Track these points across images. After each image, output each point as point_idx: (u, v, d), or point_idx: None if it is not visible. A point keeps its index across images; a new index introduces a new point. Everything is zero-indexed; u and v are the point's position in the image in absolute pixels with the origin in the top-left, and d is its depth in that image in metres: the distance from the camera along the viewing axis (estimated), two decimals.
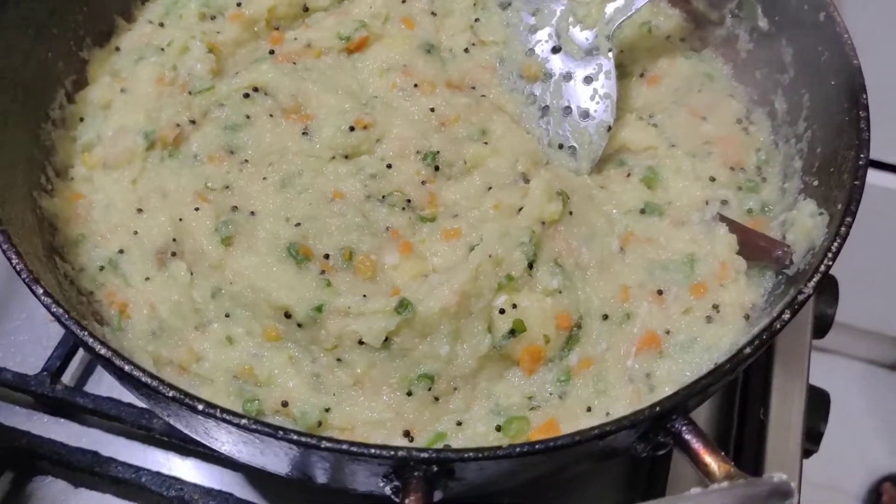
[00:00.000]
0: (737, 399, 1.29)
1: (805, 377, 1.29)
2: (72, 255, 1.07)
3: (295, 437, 0.75)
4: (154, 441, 1.22)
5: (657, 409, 0.79)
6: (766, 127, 1.21)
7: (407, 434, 0.98)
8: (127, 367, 0.78)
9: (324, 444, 0.76)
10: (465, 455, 0.76)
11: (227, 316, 1.03)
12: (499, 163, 1.15)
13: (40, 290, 0.84)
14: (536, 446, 0.77)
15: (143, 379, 0.78)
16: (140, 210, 1.11)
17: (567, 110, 1.22)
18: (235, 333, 1.03)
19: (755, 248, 1.07)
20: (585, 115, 1.20)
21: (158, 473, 1.17)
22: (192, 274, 1.05)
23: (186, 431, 0.94)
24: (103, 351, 0.82)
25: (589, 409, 1.01)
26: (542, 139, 1.22)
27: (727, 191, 1.15)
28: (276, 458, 0.85)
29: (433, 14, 1.31)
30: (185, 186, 1.11)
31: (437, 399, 0.99)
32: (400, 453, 0.75)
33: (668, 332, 1.05)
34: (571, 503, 1.17)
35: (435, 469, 0.76)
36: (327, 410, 0.98)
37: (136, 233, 1.09)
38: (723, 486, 0.67)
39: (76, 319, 0.84)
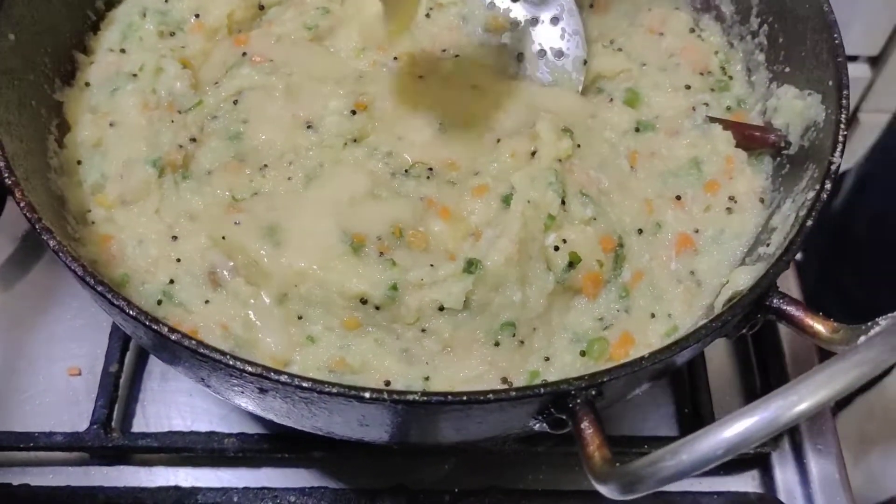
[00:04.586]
0: None
1: None
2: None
3: (466, 398, 0.80)
4: (225, 461, 1.23)
5: (758, 290, 0.88)
6: (717, 30, 1.32)
7: (504, 380, 1.04)
8: (285, 378, 0.80)
9: (490, 396, 0.81)
10: (616, 373, 0.83)
11: (300, 318, 1.05)
12: (499, 113, 1.21)
13: (134, 311, 0.84)
14: (671, 348, 0.85)
15: (305, 384, 0.80)
16: (175, 237, 1.09)
17: (541, 53, 1.28)
18: (315, 332, 1.04)
19: (751, 138, 1.18)
20: (560, 54, 1.28)
21: (246, 489, 1.18)
22: (251, 286, 1.06)
23: (297, 422, 0.96)
24: (220, 356, 0.82)
25: (653, 316, 1.10)
26: None
27: (704, 94, 1.26)
28: (417, 426, 0.90)
29: None
30: (212, 203, 1.11)
31: (522, 343, 1.06)
32: (562, 386, 0.82)
33: (697, 231, 1.15)
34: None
35: (593, 392, 0.83)
36: (427, 379, 1.03)
37: (178, 260, 1.08)
38: (861, 342, 0.75)
39: (183, 332, 0.84)
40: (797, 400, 0.66)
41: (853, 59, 2.77)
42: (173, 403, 1.28)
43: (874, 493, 3.04)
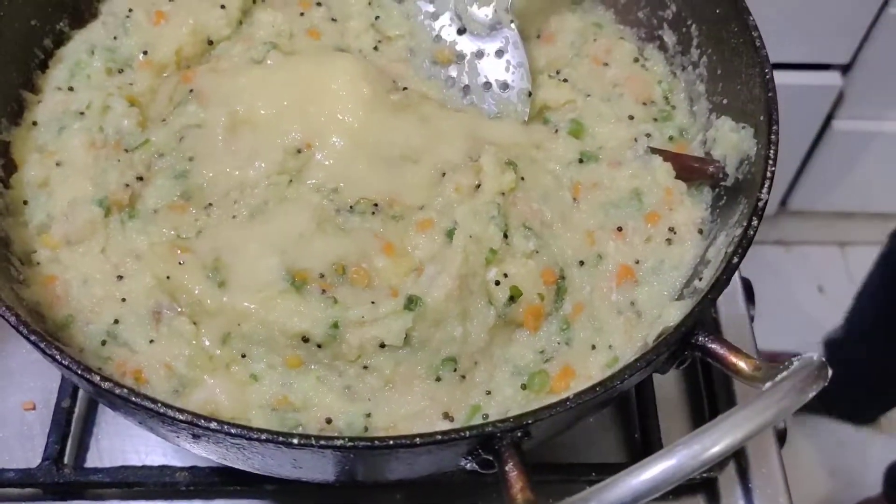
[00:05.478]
0: None
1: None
2: (67, 338, 1.06)
3: (392, 443, 0.82)
4: (178, 494, 1.24)
5: (682, 328, 0.90)
6: (660, 60, 1.34)
7: (446, 416, 1.06)
8: (214, 425, 0.82)
9: (417, 440, 0.82)
10: (541, 415, 0.85)
11: (243, 356, 1.06)
12: (444, 146, 1.22)
13: (66, 360, 0.85)
14: (597, 389, 0.87)
15: (233, 431, 0.81)
16: (120, 277, 1.10)
17: (487, 85, 1.30)
18: (257, 370, 1.06)
19: (690, 169, 1.20)
20: (505, 86, 1.29)
21: None
22: (195, 326, 1.07)
23: (235, 464, 0.98)
24: (151, 405, 0.83)
25: (593, 347, 1.12)
26: None
27: (646, 125, 1.27)
28: (350, 468, 0.91)
29: (333, 20, 1.35)
30: (157, 243, 1.12)
31: (463, 377, 1.07)
32: (488, 429, 0.83)
33: (637, 262, 1.17)
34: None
35: (519, 434, 0.84)
36: (368, 416, 1.04)
37: (123, 300, 1.09)
38: (766, 388, 0.77)
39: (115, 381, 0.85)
40: (700, 450, 0.68)
41: (825, 67, 2.81)
42: (127, 437, 1.29)
43: (851, 496, 3.06)
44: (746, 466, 1.25)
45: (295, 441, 0.81)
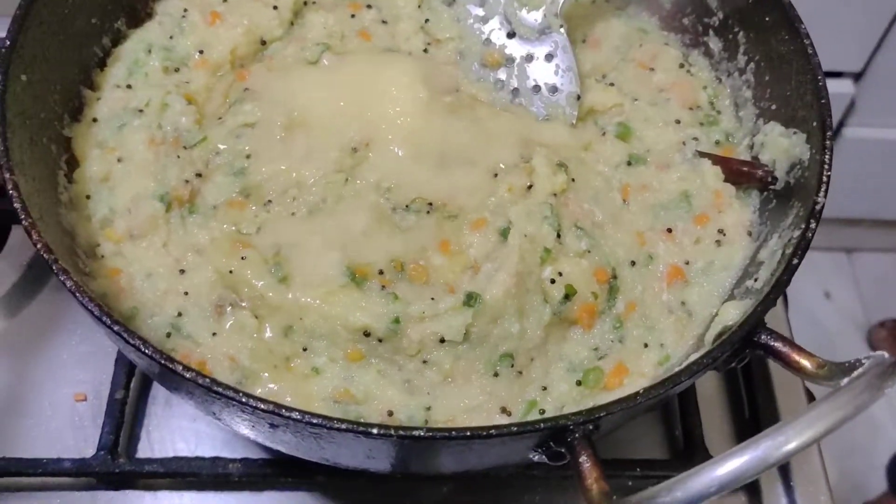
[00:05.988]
0: None
1: None
2: (133, 330, 1.07)
3: (469, 434, 0.84)
4: (229, 485, 1.26)
5: (746, 327, 0.93)
6: (705, 66, 1.36)
7: (504, 410, 1.08)
8: (296, 415, 0.84)
9: (492, 431, 0.84)
10: (613, 409, 0.87)
11: (304, 350, 1.08)
12: (496, 148, 1.25)
13: (149, 350, 0.87)
14: (665, 384, 0.89)
15: (315, 420, 0.83)
16: (182, 271, 1.12)
17: (536, 89, 1.32)
18: (319, 363, 1.08)
19: (739, 172, 1.22)
20: (554, 89, 1.32)
21: None
22: (257, 319, 1.09)
23: (306, 454, 1.00)
24: (233, 394, 0.85)
25: (646, 345, 1.14)
26: None
27: (693, 129, 1.30)
28: (421, 458, 0.93)
29: (384, 22, 1.37)
30: (218, 237, 1.14)
31: (520, 373, 1.10)
32: (561, 421, 0.86)
33: (687, 263, 1.19)
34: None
35: (591, 427, 0.86)
36: (428, 409, 1.07)
37: (186, 293, 1.11)
38: (844, 384, 0.79)
39: (197, 371, 0.88)
40: (784, 440, 0.70)
41: (837, 74, 2.84)
42: (177, 428, 1.31)
43: (856, 498, 3.09)
44: (788, 465, 1.28)
45: (374, 431, 0.84)
